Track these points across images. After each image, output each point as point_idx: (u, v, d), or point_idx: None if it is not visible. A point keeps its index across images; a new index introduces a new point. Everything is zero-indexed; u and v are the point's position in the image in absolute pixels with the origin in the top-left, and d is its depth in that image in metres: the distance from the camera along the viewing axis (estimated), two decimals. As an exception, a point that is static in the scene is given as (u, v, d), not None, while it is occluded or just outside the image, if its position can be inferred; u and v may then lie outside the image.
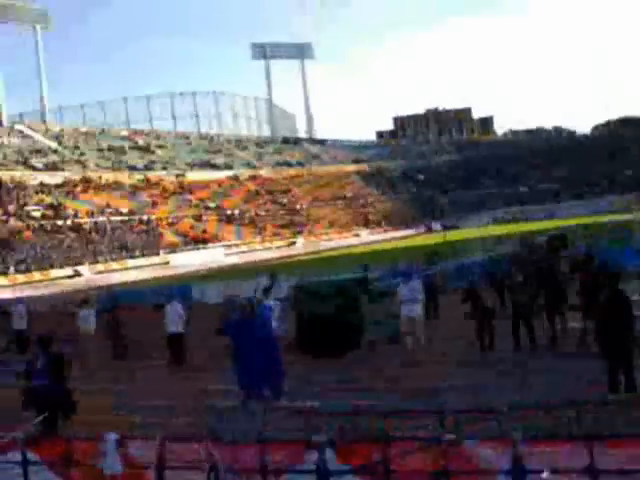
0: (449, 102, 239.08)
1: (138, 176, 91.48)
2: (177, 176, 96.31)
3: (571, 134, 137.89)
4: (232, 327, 11.44)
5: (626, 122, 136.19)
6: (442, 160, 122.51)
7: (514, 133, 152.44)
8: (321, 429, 7.82)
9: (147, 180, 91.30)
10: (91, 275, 56.39)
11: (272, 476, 6.44)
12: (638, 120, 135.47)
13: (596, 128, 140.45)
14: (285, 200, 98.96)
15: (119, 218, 75.73)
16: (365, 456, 6.28)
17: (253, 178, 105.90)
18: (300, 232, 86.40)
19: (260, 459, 6.42)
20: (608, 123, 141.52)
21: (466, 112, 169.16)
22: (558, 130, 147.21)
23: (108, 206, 77.51)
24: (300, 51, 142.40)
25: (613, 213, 65.17)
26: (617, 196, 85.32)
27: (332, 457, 6.20)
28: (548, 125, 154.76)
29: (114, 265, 61.75)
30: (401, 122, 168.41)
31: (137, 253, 66.68)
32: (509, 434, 5.76)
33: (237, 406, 10.79)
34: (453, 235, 57.96)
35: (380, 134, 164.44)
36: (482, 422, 8.45)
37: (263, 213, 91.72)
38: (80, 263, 59.82)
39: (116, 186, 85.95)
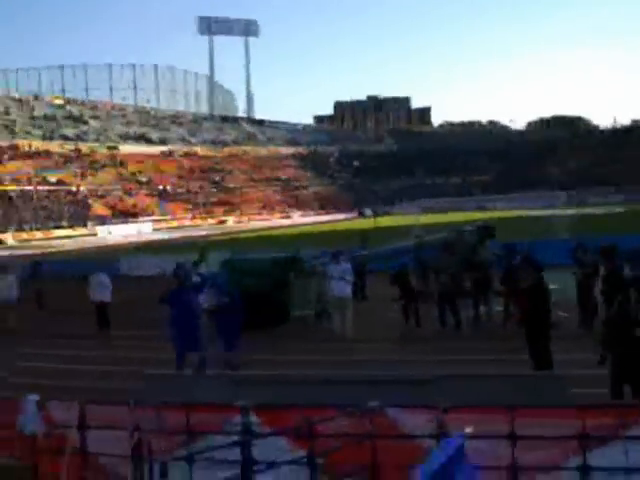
0: (389, 90, 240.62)
1: (69, 146, 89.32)
2: (109, 148, 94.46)
3: (505, 129, 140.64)
4: (171, 296, 11.50)
5: (558, 121, 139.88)
6: (379, 148, 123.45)
7: (450, 125, 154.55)
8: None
9: (78, 150, 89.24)
10: (15, 243, 54.90)
11: (196, 438, 6.46)
12: (570, 119, 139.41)
13: (530, 125, 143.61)
14: (218, 178, 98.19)
15: (47, 187, 73.88)
16: (289, 420, 6.38)
17: (187, 155, 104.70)
18: (232, 211, 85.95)
19: (185, 421, 6.45)
20: (541, 121, 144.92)
21: (405, 101, 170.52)
22: (493, 124, 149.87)
23: (36, 175, 75.53)
24: (246, 28, 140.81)
25: (541, 208, 66.92)
26: (546, 192, 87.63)
27: (257, 421, 6.26)
28: (484, 119, 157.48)
29: (39, 234, 60.26)
30: (341, 108, 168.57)
31: (64, 223, 65.23)
32: (433, 402, 5.94)
33: (164, 373, 10.79)
34: (383, 221, 58.53)
35: (319, 118, 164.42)
36: (408, 391, 8.65)
37: (196, 190, 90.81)
38: (4, 231, 58.20)
39: (46, 155, 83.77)
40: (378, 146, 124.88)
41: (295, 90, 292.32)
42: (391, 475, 5.69)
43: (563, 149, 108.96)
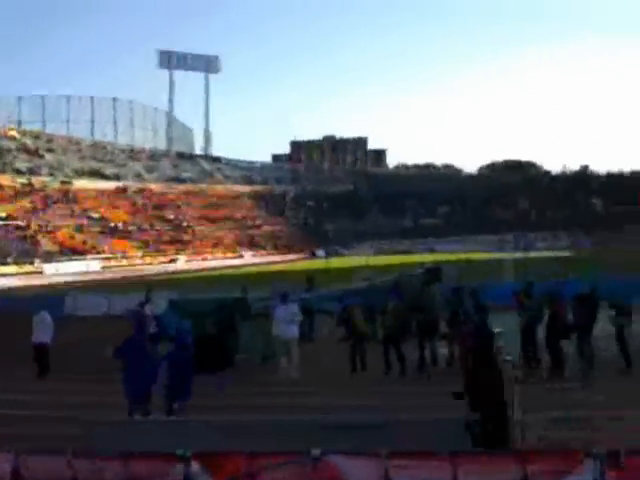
0: (346, 131, 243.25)
1: (21, 180, 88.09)
2: (63, 183, 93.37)
3: (458, 172, 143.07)
4: (124, 347, 11.35)
5: (510, 165, 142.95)
6: (334, 188, 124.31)
7: (405, 167, 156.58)
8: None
9: (31, 185, 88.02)
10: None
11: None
12: (521, 164, 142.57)
13: (482, 168, 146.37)
14: (172, 216, 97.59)
15: (-5, 223, 72.64)
16: (233, 469, 6.32)
17: (142, 191, 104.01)
18: (183, 250, 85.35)
19: (124, 472, 6.34)
20: (493, 165, 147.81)
21: (362, 142, 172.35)
22: (447, 167, 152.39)
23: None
24: (206, 64, 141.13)
25: (490, 251, 67.97)
26: (495, 236, 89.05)
27: (199, 470, 6.20)
28: (438, 162, 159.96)
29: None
30: (298, 147, 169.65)
31: (9, 260, 63.91)
32: (377, 448, 5.96)
33: (102, 419, 10.60)
34: (335, 262, 58.82)
35: (276, 157, 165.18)
36: (352, 438, 8.67)
37: (147, 228, 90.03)
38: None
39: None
40: (334, 186, 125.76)
41: (253, 127, 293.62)
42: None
43: (514, 193, 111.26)
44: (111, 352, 11.48)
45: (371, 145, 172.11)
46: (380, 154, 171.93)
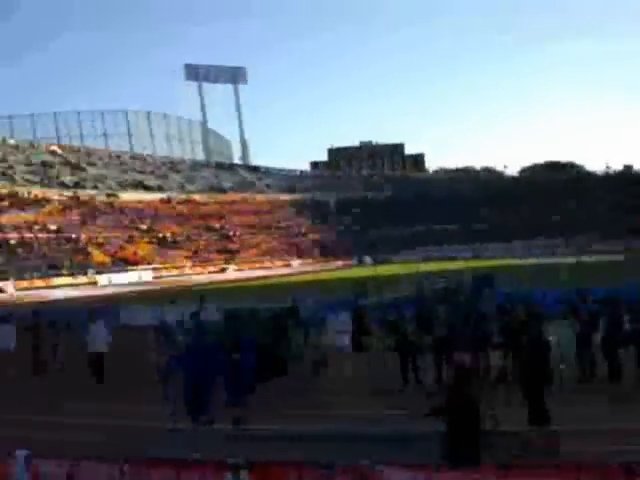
0: (383, 136, 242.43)
1: (68, 193, 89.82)
2: (108, 195, 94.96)
3: (499, 175, 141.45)
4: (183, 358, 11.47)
5: (551, 166, 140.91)
6: (375, 195, 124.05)
7: (445, 171, 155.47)
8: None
9: (77, 198, 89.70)
10: (15, 292, 54.80)
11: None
12: (561, 165, 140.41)
13: (523, 171, 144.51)
14: (218, 226, 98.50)
15: (47, 235, 74.10)
16: (282, 478, 6.41)
17: (186, 202, 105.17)
18: (232, 259, 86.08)
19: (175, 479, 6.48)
20: (534, 166, 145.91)
21: (399, 148, 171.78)
22: (487, 170, 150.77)
23: (36, 222, 75.83)
24: (234, 75, 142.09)
25: (540, 256, 67.10)
26: (543, 240, 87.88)
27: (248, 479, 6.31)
28: (477, 165, 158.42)
29: (39, 282, 60.19)
30: (335, 154, 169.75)
31: (64, 272, 65.24)
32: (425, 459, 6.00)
33: (160, 428, 10.80)
34: (384, 269, 58.63)
35: (315, 164, 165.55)
36: (401, 449, 8.70)
37: (195, 238, 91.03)
38: (5, 279, 58.18)
39: (45, 202, 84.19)
40: (374, 193, 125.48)
41: (289, 136, 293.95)
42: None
43: (558, 194, 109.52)
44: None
45: (408, 150, 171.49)
46: (418, 159, 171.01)
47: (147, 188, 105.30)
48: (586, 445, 9.16)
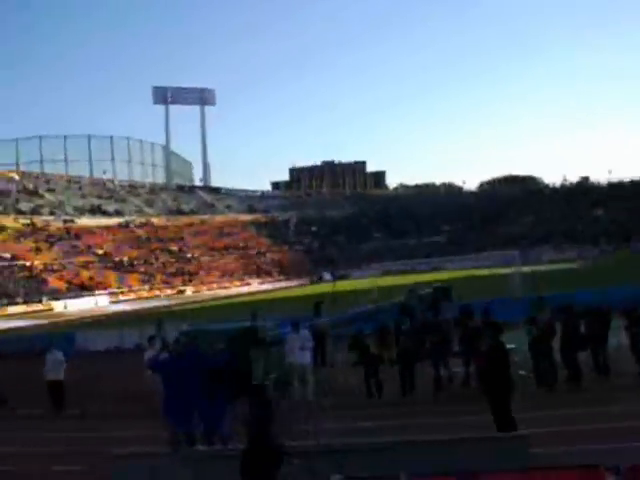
0: (344, 155, 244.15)
1: (24, 220, 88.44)
2: (65, 221, 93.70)
3: (459, 190, 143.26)
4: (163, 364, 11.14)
5: (509, 181, 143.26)
6: (335, 213, 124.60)
7: (405, 188, 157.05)
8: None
9: (33, 224, 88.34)
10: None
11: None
12: (521, 178, 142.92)
13: (482, 185, 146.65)
14: (176, 248, 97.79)
15: (0, 264, 72.75)
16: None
17: (144, 225, 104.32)
18: (190, 281, 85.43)
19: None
20: (493, 181, 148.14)
21: (360, 166, 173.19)
22: (447, 186, 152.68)
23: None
24: (202, 96, 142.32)
25: (496, 267, 67.75)
26: (500, 251, 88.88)
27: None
28: (438, 181, 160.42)
29: (-7, 312, 58.93)
30: (297, 173, 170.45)
31: (18, 300, 64.01)
32: (397, 472, 5.95)
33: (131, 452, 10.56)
34: (343, 285, 58.63)
35: (275, 184, 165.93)
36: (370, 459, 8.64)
37: (153, 261, 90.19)
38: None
39: (0, 230, 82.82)
40: (335, 210, 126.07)
41: (251, 157, 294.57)
42: None
43: (516, 208, 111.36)
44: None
45: (370, 168, 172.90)
46: (379, 176, 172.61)
47: (105, 213, 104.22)
48: (553, 448, 9.25)
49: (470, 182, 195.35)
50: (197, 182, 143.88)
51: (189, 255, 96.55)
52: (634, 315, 14.35)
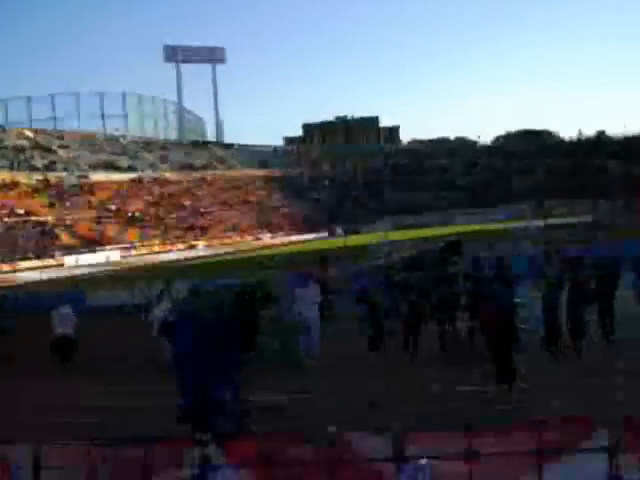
0: (357, 111, 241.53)
1: (37, 176, 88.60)
2: (78, 177, 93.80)
3: (473, 144, 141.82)
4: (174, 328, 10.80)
5: (524, 135, 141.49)
6: (348, 168, 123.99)
7: (419, 142, 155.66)
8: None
9: (47, 180, 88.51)
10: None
11: (156, 474, 6.36)
12: (536, 132, 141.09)
13: (496, 140, 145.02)
14: (189, 203, 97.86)
15: (14, 219, 73.12)
16: (250, 450, 6.32)
17: (157, 181, 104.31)
18: (202, 235, 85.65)
19: (142, 457, 6.34)
20: (508, 135, 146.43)
21: (373, 121, 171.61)
22: (461, 140, 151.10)
23: (3, 206, 74.75)
24: (212, 55, 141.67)
25: (509, 221, 67.62)
26: (514, 205, 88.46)
27: (216, 452, 6.19)
28: (452, 135, 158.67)
29: (5, 267, 59.30)
30: (309, 129, 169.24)
31: (31, 255, 64.43)
32: (391, 426, 5.91)
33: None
34: (354, 240, 58.71)
35: (289, 140, 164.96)
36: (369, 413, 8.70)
37: (165, 216, 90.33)
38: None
39: (13, 186, 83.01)
40: (348, 166, 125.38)
41: (263, 113, 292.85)
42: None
43: (530, 162, 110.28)
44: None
45: (383, 123, 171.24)
46: (393, 131, 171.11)
47: (118, 169, 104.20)
48: (552, 401, 9.25)
49: (484, 136, 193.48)
50: (210, 138, 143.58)
51: (201, 210, 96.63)
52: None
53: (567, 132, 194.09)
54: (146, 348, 15.84)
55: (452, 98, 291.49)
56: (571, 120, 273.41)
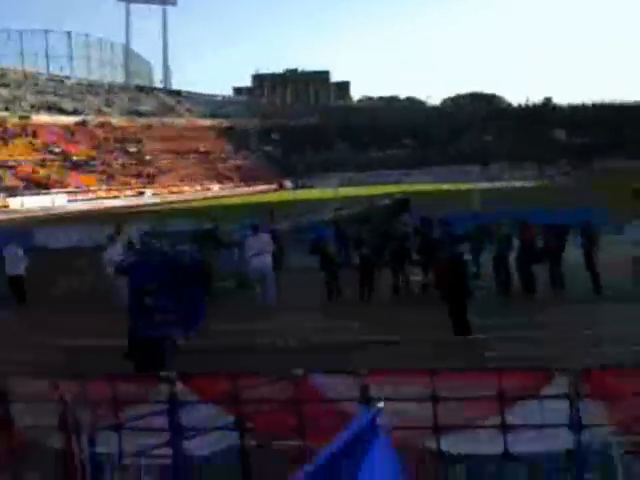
0: (308, 64, 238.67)
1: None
2: (21, 117, 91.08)
3: (422, 105, 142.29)
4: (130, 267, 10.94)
5: (473, 98, 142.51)
6: (298, 121, 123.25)
7: (369, 99, 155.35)
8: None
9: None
10: None
11: (124, 408, 6.49)
12: (484, 96, 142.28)
13: (445, 101, 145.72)
14: (135, 150, 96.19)
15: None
16: (217, 388, 6.51)
17: (102, 125, 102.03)
18: (149, 183, 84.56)
19: (109, 393, 6.47)
20: (457, 97, 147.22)
21: (324, 75, 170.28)
22: (411, 100, 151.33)
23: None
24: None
25: (456, 182, 68.49)
26: (461, 167, 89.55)
27: (184, 390, 6.35)
28: (402, 94, 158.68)
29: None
30: (259, 80, 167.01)
31: (-28, 196, 62.84)
32: (356, 367, 6.16)
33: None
34: (304, 193, 58.87)
35: (238, 90, 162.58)
36: (331, 356, 8.96)
37: (111, 162, 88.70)
38: None
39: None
40: (298, 119, 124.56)
41: (213, 61, 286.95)
42: (317, 437, 5.89)
43: (478, 125, 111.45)
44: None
45: (334, 78, 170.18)
46: (343, 86, 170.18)
47: (62, 111, 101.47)
48: (506, 352, 9.69)
49: (434, 97, 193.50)
50: (157, 84, 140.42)
51: (148, 157, 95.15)
52: (589, 233, 14.75)
53: (514, 97, 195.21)
54: (99, 289, 15.98)
55: (403, 57, 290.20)
56: (519, 86, 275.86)
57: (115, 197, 74.19)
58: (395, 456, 3.41)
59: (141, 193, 78.54)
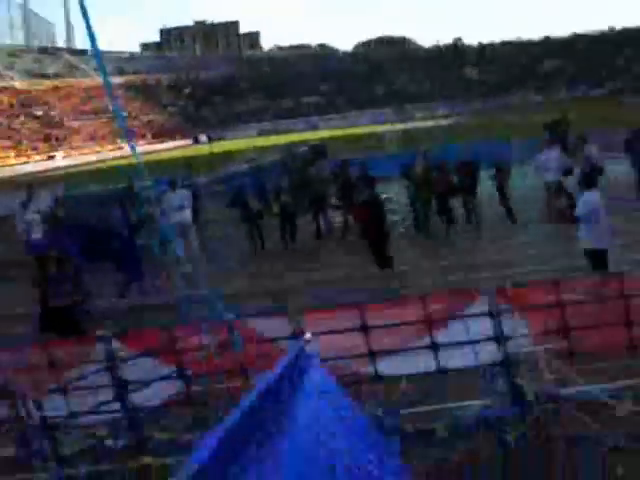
0: (217, 16, 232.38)
1: None
2: None
3: (334, 51, 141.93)
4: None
5: (383, 42, 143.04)
6: (209, 74, 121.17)
7: (280, 49, 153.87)
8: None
9: None
10: None
11: (62, 371, 6.58)
12: (395, 40, 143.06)
13: (357, 47, 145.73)
14: (41, 113, 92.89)
15: None
16: (153, 341, 6.67)
17: (5, 89, 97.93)
18: (59, 147, 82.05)
19: (46, 357, 6.54)
20: (368, 42, 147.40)
21: (233, 26, 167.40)
22: (322, 47, 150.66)
23: None
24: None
25: (370, 125, 69.14)
26: (375, 110, 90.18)
27: (122, 347, 6.48)
28: (313, 42, 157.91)
29: None
30: (167, 34, 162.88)
31: None
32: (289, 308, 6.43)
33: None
34: (219, 146, 58.19)
35: (145, 46, 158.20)
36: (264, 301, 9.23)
37: (17, 126, 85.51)
38: None
39: None
40: (208, 72, 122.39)
41: (118, 17, 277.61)
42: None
43: (390, 69, 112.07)
44: None
45: (243, 29, 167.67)
46: (253, 37, 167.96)
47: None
48: (428, 280, 10.15)
49: (345, 44, 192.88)
50: (60, 44, 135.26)
51: (56, 120, 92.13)
52: (501, 167, 15.38)
53: (425, 40, 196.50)
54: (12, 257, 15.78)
55: (311, 4, 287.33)
56: (429, 29, 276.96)
57: (25, 162, 71.73)
58: (334, 383, 3.56)
59: (51, 157, 76.13)
